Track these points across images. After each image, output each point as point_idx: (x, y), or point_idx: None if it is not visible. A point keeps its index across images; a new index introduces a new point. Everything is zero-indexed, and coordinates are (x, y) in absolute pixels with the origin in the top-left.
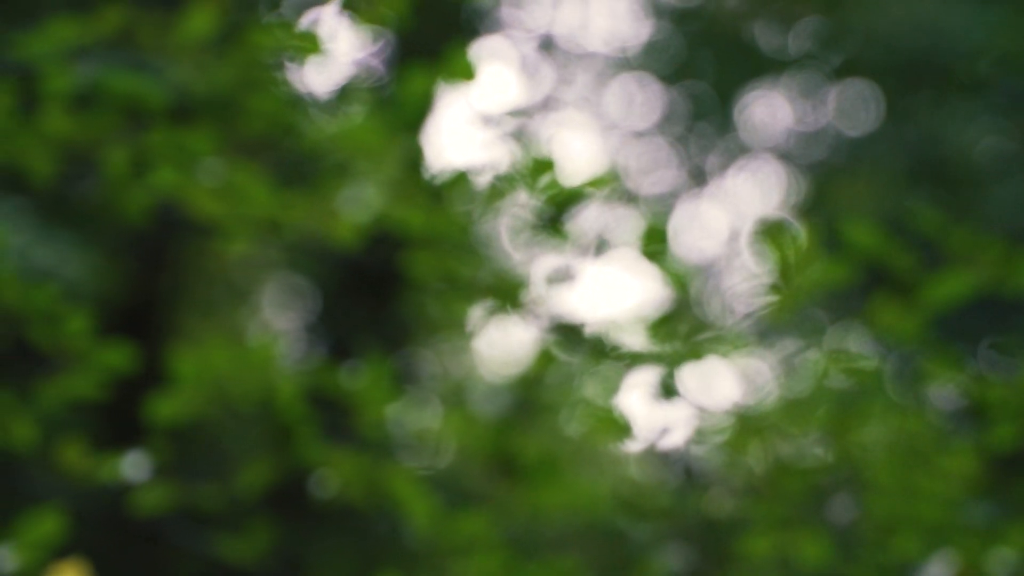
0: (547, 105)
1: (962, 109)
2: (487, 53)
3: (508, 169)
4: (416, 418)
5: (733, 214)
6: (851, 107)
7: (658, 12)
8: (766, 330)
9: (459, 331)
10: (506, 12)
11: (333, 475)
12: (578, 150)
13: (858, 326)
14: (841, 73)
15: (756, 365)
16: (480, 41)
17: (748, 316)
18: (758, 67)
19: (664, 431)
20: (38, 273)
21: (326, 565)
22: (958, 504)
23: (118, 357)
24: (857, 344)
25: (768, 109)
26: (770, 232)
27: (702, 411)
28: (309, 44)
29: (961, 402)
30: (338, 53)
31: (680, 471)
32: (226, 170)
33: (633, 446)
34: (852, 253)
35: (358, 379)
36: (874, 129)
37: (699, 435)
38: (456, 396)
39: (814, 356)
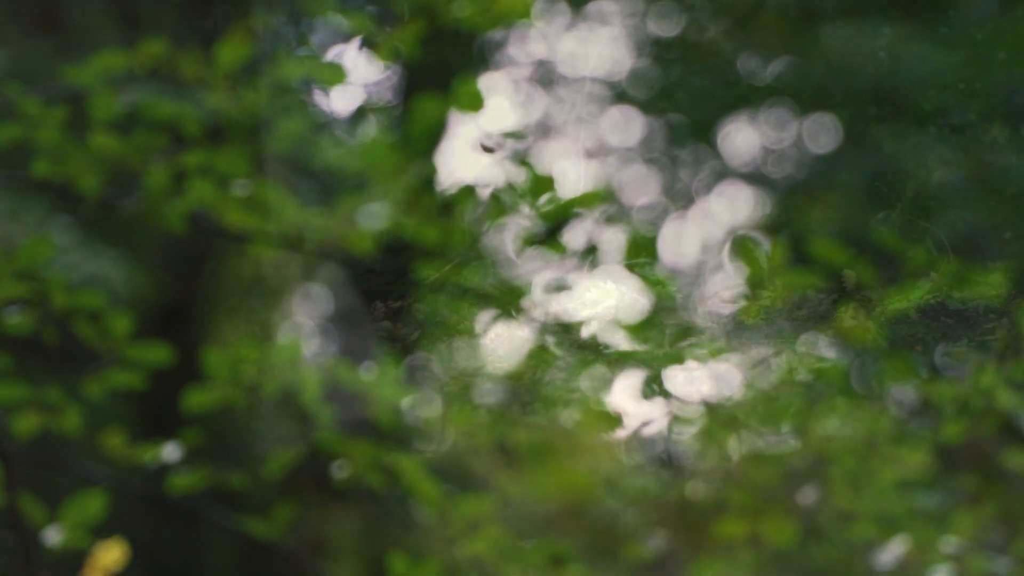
0: (544, 129)
1: (919, 140)
2: (492, 82)
3: (511, 187)
4: (425, 409)
5: (711, 230)
6: (817, 135)
7: (640, 43)
8: (740, 333)
9: (466, 332)
10: (509, 44)
11: (349, 461)
12: (573, 171)
13: (824, 332)
14: (808, 104)
15: (731, 365)
16: (486, 72)
17: (724, 321)
18: (736, 96)
19: (648, 422)
20: (83, 282)
21: (345, 542)
22: (911, 493)
23: (156, 355)
24: (823, 348)
25: (745, 137)
26: (743, 247)
27: (682, 405)
28: (335, 75)
29: (916, 401)
30: (356, 81)
31: (661, 459)
32: (256, 187)
33: (620, 435)
34: (817, 266)
35: (374, 376)
36: (837, 155)
37: (679, 426)
38: (462, 390)
39: (784, 357)
